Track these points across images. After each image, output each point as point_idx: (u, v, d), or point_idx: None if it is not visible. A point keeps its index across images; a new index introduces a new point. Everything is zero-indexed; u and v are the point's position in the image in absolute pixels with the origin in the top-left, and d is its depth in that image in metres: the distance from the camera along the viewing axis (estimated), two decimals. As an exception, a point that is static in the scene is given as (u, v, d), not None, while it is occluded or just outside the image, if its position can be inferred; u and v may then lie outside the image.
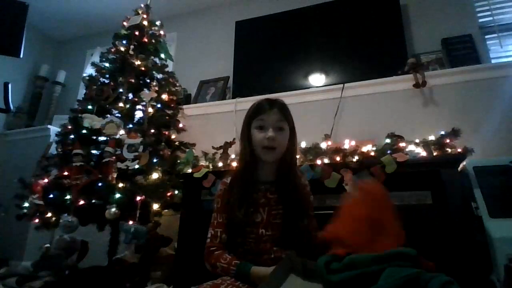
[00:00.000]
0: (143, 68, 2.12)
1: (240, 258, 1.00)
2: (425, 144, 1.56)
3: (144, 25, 2.24)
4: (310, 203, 1.14)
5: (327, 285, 0.71)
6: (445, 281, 0.62)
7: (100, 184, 1.70)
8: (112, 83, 2.08)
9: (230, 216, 1.05)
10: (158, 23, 2.37)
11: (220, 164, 1.83)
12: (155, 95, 2.06)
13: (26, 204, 1.80)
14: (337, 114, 2.11)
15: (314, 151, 1.69)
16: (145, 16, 2.27)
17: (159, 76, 2.21)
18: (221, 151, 1.89)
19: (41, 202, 1.73)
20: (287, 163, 1.09)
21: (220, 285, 0.93)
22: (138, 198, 1.67)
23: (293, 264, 0.77)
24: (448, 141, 1.53)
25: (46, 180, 1.80)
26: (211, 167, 1.84)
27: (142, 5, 2.35)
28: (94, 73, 2.14)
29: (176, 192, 1.88)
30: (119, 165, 1.77)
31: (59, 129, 2.03)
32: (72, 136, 1.91)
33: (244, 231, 1.03)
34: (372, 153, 1.58)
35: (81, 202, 1.68)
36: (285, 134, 1.07)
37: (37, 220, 1.77)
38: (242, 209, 1.03)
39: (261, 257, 1.01)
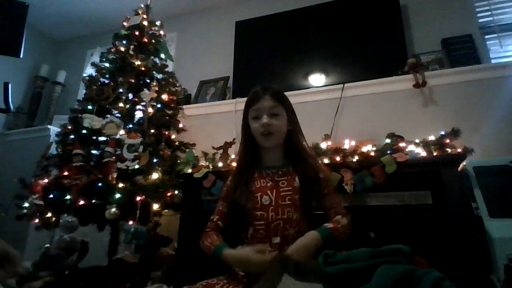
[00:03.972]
0: (143, 68, 2.11)
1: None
2: (425, 144, 1.56)
3: (144, 25, 2.24)
4: (326, 181, 1.11)
5: (322, 276, 0.72)
6: (437, 277, 0.62)
7: (100, 184, 1.69)
8: (112, 83, 2.08)
9: (232, 198, 1.08)
10: (158, 23, 2.36)
11: (220, 164, 1.83)
12: (155, 95, 2.06)
13: (26, 204, 1.80)
14: (337, 114, 2.11)
15: (314, 151, 1.69)
16: (145, 16, 2.27)
17: (159, 76, 2.21)
18: (221, 151, 1.88)
19: (41, 202, 1.73)
20: (294, 146, 1.10)
21: (216, 285, 0.93)
22: (138, 198, 1.67)
23: (285, 264, 0.77)
24: (448, 141, 1.53)
25: (46, 180, 1.79)
26: (211, 167, 1.83)
27: (142, 5, 2.35)
28: (94, 73, 2.14)
29: (176, 192, 1.88)
30: (119, 165, 1.76)
31: (59, 129, 2.02)
32: (72, 136, 1.91)
33: (253, 216, 1.03)
34: (372, 153, 1.58)
35: (81, 202, 1.67)
36: (281, 119, 1.07)
37: (37, 220, 1.77)
38: (238, 189, 1.06)
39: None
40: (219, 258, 0.96)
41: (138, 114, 2.03)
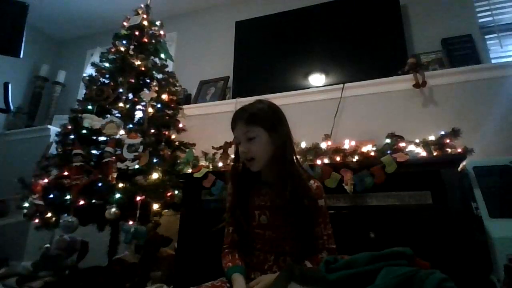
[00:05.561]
0: (143, 68, 2.12)
1: (252, 259, 1.03)
2: (425, 144, 1.56)
3: (144, 25, 2.24)
4: (317, 209, 1.03)
5: (325, 283, 0.72)
6: (441, 278, 0.62)
7: (100, 184, 1.69)
8: (112, 83, 2.08)
9: (233, 217, 1.07)
10: (158, 23, 2.37)
11: (220, 164, 1.83)
12: (155, 95, 2.06)
13: (26, 204, 1.80)
14: (337, 114, 2.11)
15: (314, 151, 1.69)
16: (145, 16, 2.27)
17: (159, 76, 2.21)
18: (221, 151, 1.89)
19: (41, 202, 1.73)
20: (280, 163, 1.03)
21: (220, 287, 0.93)
22: (138, 198, 1.67)
23: (292, 272, 0.77)
24: (448, 141, 1.53)
25: (46, 180, 1.79)
26: (211, 167, 1.84)
27: (142, 5, 2.35)
28: (94, 73, 2.14)
29: (176, 192, 1.88)
30: (119, 165, 1.76)
31: (59, 129, 2.03)
32: (72, 136, 1.91)
33: (253, 232, 1.04)
34: (372, 153, 1.58)
35: (81, 202, 1.67)
36: (258, 141, 1.02)
37: (37, 220, 1.77)
38: (237, 210, 1.05)
39: (265, 264, 1.01)
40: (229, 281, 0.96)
41: (138, 114, 2.03)
